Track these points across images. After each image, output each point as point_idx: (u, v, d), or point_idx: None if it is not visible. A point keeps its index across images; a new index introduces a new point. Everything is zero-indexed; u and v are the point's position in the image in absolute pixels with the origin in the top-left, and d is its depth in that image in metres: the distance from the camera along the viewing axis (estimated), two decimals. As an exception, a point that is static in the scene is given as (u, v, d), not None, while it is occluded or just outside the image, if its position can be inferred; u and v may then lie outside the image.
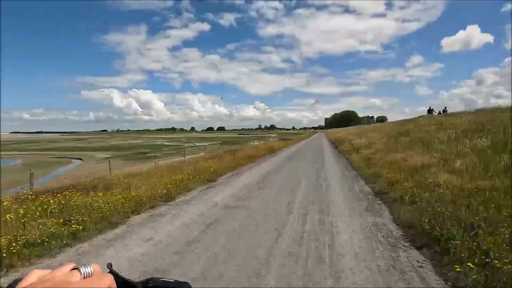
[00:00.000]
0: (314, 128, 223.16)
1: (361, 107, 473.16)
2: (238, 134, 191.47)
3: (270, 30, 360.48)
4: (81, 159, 41.76)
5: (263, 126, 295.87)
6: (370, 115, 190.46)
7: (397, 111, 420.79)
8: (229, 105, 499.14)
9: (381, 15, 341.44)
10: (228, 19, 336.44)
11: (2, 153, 53.94)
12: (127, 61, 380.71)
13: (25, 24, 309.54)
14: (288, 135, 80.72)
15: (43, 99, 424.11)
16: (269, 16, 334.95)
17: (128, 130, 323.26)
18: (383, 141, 18.64)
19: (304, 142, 37.76)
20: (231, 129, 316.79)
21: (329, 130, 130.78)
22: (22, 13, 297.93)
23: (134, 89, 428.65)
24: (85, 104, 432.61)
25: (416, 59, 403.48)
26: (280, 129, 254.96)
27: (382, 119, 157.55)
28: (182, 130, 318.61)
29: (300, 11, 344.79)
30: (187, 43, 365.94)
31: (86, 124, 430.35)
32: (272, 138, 53.65)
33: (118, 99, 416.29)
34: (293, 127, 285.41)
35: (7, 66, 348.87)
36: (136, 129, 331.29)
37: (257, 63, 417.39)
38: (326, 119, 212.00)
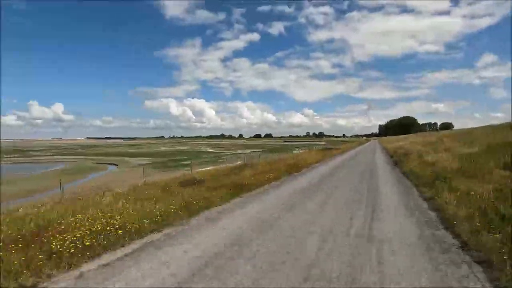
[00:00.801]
0: (366, 135, 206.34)
1: (422, 112, 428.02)
2: (284, 141, 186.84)
3: (319, 35, 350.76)
4: (116, 164, 42.03)
5: (311, 133, 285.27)
6: (433, 122, 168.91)
7: (466, 117, 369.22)
8: (277, 112, 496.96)
9: (445, 13, 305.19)
10: (277, 27, 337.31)
11: (61, 157, 58.00)
12: (183, 73, 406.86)
13: (104, 40, 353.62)
14: (336, 143, 73.33)
15: (112, 108, 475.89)
16: (318, 21, 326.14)
17: (182, 137, 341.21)
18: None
19: (352, 152, 31.02)
20: (279, 136, 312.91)
21: (384, 137, 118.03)
22: (106, 37, 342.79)
23: (188, 98, 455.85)
24: (146, 112, 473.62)
25: (489, 58, 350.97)
26: (330, 136, 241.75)
27: (447, 126, 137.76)
28: (230, 136, 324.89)
29: (352, 14, 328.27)
30: (237, 53, 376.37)
31: (146, 131, 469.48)
32: (316, 147, 47.91)
33: (174, 108, 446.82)
34: (344, 134, 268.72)
35: (87, 77, 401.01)
36: (189, 136, 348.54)
37: (306, 70, 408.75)
38: (380, 126, 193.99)
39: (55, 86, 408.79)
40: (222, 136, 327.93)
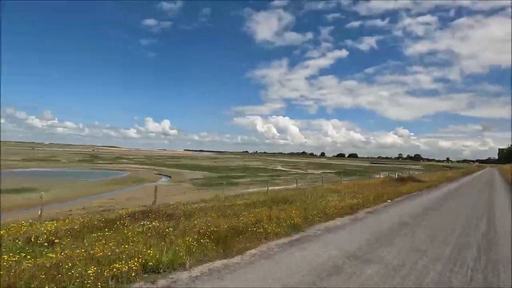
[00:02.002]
0: (480, 161, 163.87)
1: None
2: (371, 163, 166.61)
3: (418, 48, 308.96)
4: (170, 177, 41.83)
5: (405, 155, 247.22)
6: None
7: None
8: (365, 131, 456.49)
9: None
10: (368, 42, 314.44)
11: (138, 166, 63.16)
12: (270, 92, 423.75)
13: (201, 65, 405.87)
14: (438, 169, 57.77)
15: (207, 124, 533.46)
16: (418, 32, 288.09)
17: (264, 153, 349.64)
18: None
19: (448, 189, 19.75)
20: (365, 156, 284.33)
21: (505, 166, 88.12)
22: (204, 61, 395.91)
23: (273, 116, 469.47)
24: (235, 129, 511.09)
25: None
26: (429, 160, 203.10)
27: None
28: (312, 155, 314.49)
29: (461, 20, 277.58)
30: (323, 71, 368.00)
31: (235, 146, 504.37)
32: (404, 172, 37.01)
33: (260, 125, 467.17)
34: (448, 158, 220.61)
35: (189, 97, 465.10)
36: (271, 152, 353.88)
37: (401, 85, 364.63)
38: (501, 150, 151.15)
39: (165, 106, 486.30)
40: (303, 153, 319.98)
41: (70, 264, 3.39)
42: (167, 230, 4.49)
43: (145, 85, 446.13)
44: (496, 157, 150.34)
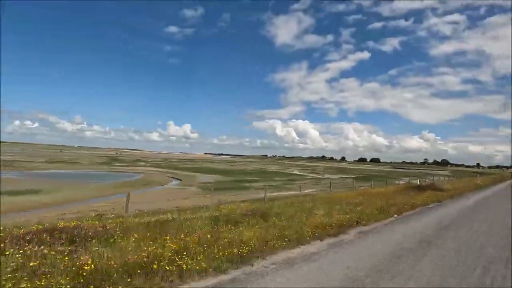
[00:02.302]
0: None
1: None
2: (393, 168, 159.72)
3: (445, 48, 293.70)
4: (180, 180, 41.62)
5: (431, 160, 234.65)
6: None
7: None
8: (388, 135, 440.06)
9: None
10: (391, 44, 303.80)
11: (153, 168, 63.94)
12: (289, 95, 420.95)
13: (221, 70, 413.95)
14: (466, 175, 53.68)
15: (227, 128, 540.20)
16: (444, 32, 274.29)
17: (283, 156, 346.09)
18: None
19: (474, 202, 16.18)
20: (388, 161, 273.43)
21: None
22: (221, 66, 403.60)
23: (293, 120, 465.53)
24: (254, 132, 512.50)
25: None
26: (457, 165, 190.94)
27: None
28: (331, 159, 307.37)
29: (492, 19, 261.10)
30: (344, 74, 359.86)
31: (254, 149, 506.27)
32: (429, 178, 34.38)
33: (279, 129, 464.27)
34: (478, 164, 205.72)
35: (209, 101, 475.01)
36: (290, 156, 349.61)
37: (426, 87, 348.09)
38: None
39: (186, 110, 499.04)
40: (323, 158, 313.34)
41: None
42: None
43: (168, 90, 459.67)
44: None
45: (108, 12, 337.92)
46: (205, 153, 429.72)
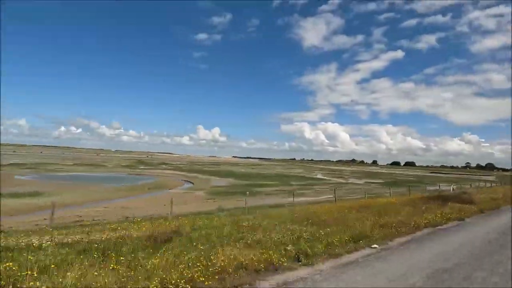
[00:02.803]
0: None
1: None
2: (430, 172, 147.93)
3: (488, 43, 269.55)
4: (193, 183, 40.99)
5: (474, 164, 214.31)
6: None
7: None
8: (425, 137, 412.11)
9: None
10: (427, 41, 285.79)
11: (172, 171, 64.52)
12: (318, 97, 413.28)
13: (247, 76, 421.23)
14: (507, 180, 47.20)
15: (255, 131, 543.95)
16: (488, 26, 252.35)
17: (312, 160, 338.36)
18: None
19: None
20: (424, 165, 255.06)
21: None
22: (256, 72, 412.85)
23: (322, 122, 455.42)
24: (282, 135, 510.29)
25: None
26: (505, 170, 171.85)
27: None
28: (362, 162, 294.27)
29: None
30: (376, 74, 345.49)
31: (282, 153, 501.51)
32: (472, 184, 30.26)
33: (308, 132, 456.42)
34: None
35: (238, 106, 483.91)
36: (319, 159, 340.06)
37: (467, 86, 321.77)
38: None
39: (215, 114, 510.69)
40: (353, 161, 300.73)
41: None
42: None
43: (197, 95, 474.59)
44: None
45: (140, 22, 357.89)
46: (233, 156, 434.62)
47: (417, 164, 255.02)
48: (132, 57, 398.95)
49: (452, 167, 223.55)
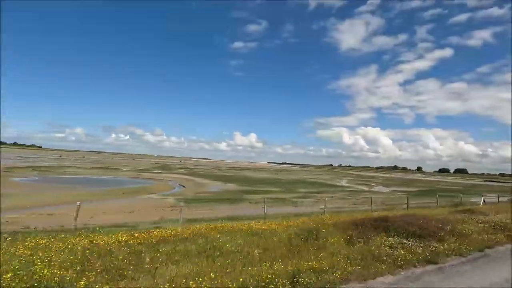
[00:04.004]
0: None
1: None
2: (483, 181, 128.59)
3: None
4: (184, 186, 38.10)
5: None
6: None
7: None
8: (481, 142, 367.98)
9: None
10: (479, 37, 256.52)
11: (182, 176, 62.69)
12: (357, 101, 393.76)
13: (285, 81, 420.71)
14: None
15: (291, 137, 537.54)
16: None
17: (349, 166, 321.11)
18: None
19: None
20: (479, 172, 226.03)
21: None
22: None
23: (362, 127, 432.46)
24: (319, 141, 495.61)
25: None
26: None
27: None
28: (404, 169, 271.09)
29: None
30: (421, 75, 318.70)
31: (319, 159, 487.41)
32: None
33: (346, 137, 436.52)
34: None
35: (274, 112, 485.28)
36: (358, 165, 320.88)
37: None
38: None
39: (252, 120, 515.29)
40: (395, 168, 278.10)
41: None
42: None
43: (234, 102, 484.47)
44: None
45: (181, 34, 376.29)
46: (269, 162, 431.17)
47: (470, 172, 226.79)
48: (175, 68, 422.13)
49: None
